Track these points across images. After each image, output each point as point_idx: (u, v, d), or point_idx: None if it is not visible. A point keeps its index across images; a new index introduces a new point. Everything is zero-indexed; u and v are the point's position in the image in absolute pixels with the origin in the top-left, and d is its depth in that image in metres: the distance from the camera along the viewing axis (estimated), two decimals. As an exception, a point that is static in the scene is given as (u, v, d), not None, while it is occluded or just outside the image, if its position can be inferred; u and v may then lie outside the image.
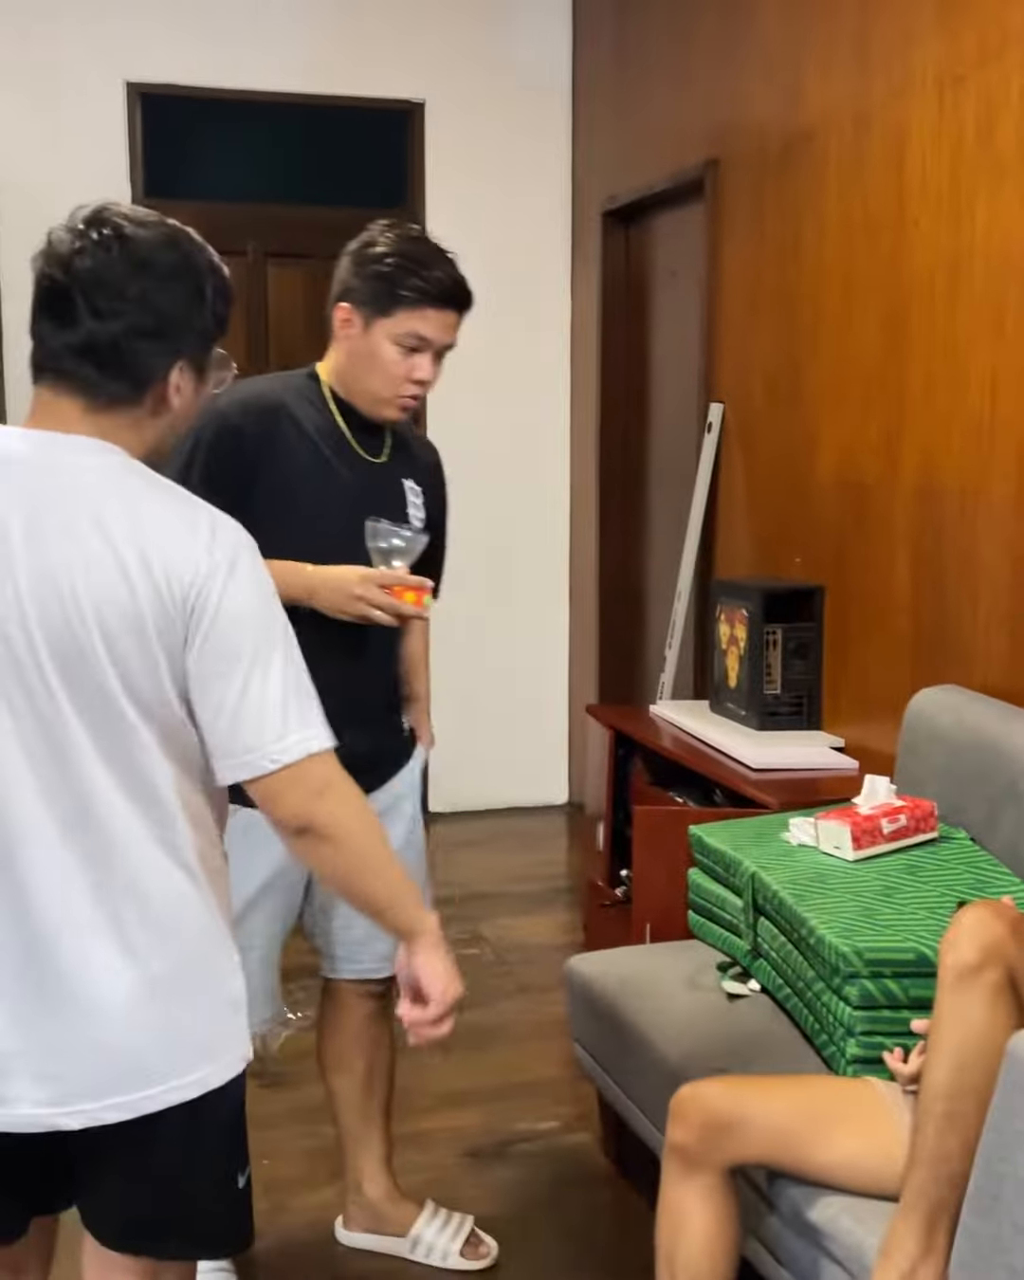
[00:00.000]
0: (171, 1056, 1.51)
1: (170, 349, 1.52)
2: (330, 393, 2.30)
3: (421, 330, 2.22)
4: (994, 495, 2.90)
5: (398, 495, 2.35)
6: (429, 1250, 2.56)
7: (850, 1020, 2.13)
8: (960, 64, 2.97)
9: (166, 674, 1.46)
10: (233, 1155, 1.63)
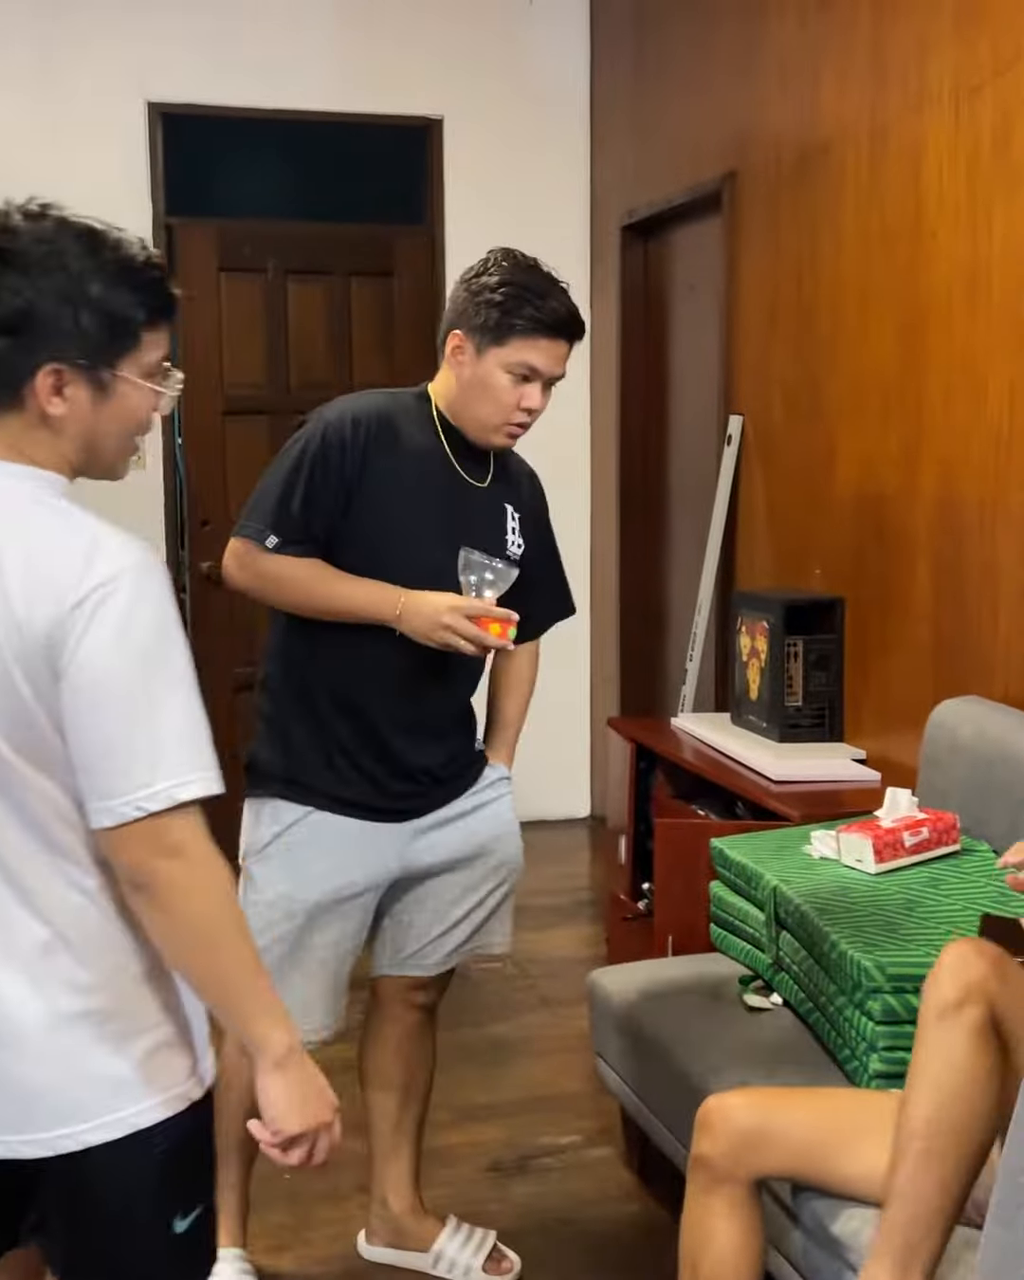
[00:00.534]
0: (90, 1095, 1.44)
1: (32, 350, 1.41)
2: (437, 415, 2.30)
3: (533, 361, 2.22)
4: (1014, 505, 2.90)
5: (498, 521, 2.37)
6: (452, 1266, 2.55)
7: (874, 1035, 2.13)
8: (977, 74, 2.97)
9: (42, 714, 1.37)
10: (170, 1198, 1.50)
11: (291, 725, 2.32)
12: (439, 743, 2.38)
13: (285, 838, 2.29)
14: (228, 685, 5.00)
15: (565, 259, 5.19)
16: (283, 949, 2.26)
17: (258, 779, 2.33)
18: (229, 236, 4.86)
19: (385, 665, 2.25)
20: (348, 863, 2.30)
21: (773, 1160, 1.95)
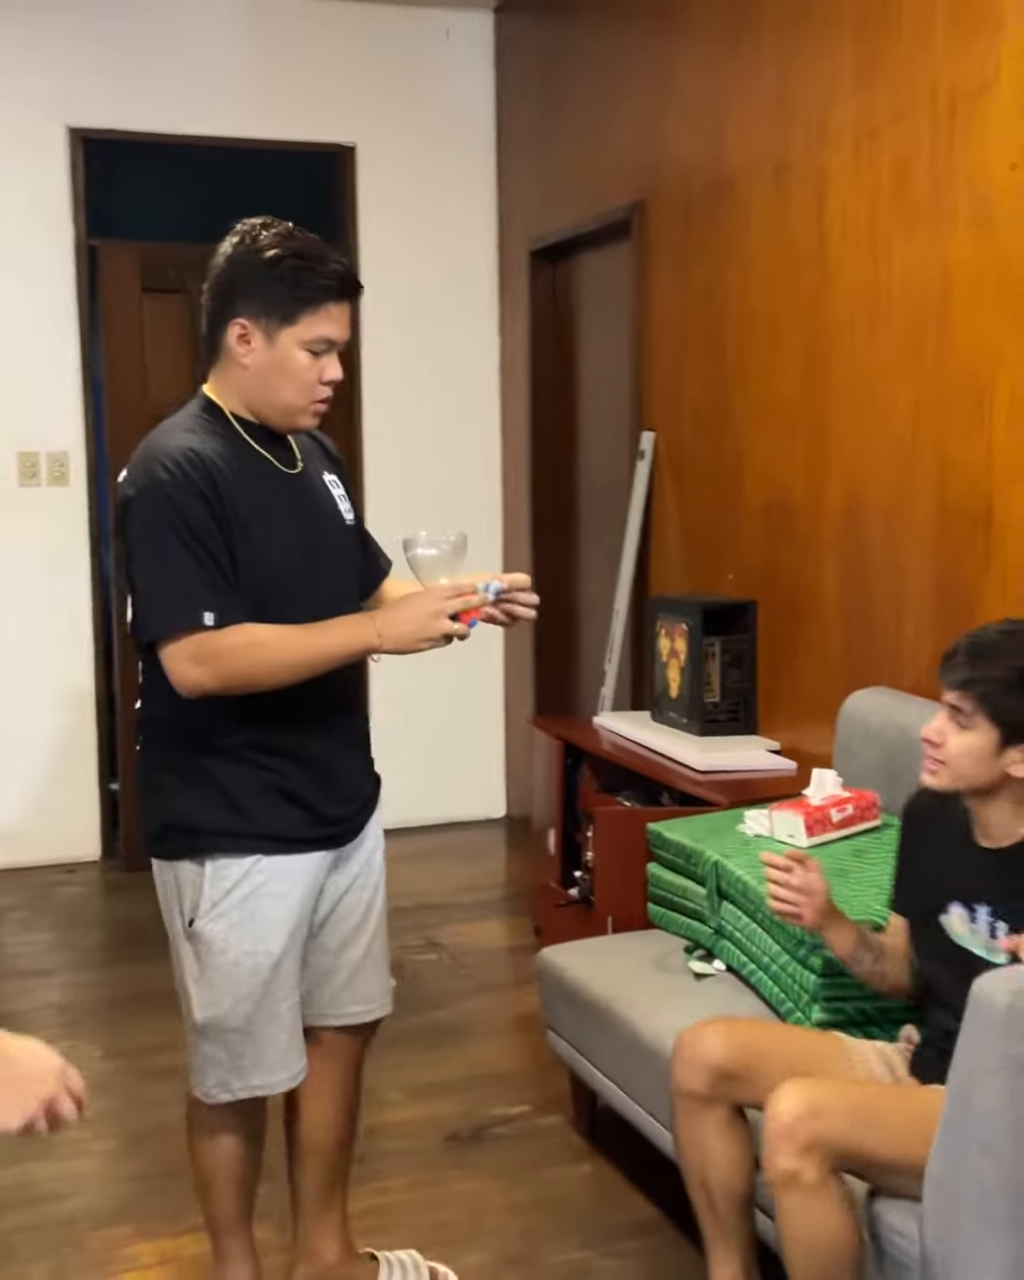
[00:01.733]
0: None
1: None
2: (232, 416, 2.16)
3: (328, 332, 2.11)
4: (917, 513, 3.17)
5: (327, 494, 2.28)
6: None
7: (815, 987, 2.36)
8: (875, 120, 3.25)
9: None
10: None
11: (218, 774, 2.16)
12: (365, 756, 2.37)
13: (235, 892, 2.16)
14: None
15: (475, 281, 5.50)
16: (249, 1006, 2.18)
17: (189, 841, 2.17)
18: (151, 258, 4.99)
19: (313, 687, 2.12)
20: (299, 902, 2.21)
21: (748, 1093, 2.18)
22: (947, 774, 2.09)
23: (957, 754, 2.06)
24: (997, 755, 2.04)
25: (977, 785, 2.08)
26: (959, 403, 3.02)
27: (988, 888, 2.09)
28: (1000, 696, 2.02)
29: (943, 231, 3.05)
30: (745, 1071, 2.18)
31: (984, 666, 2.04)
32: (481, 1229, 2.75)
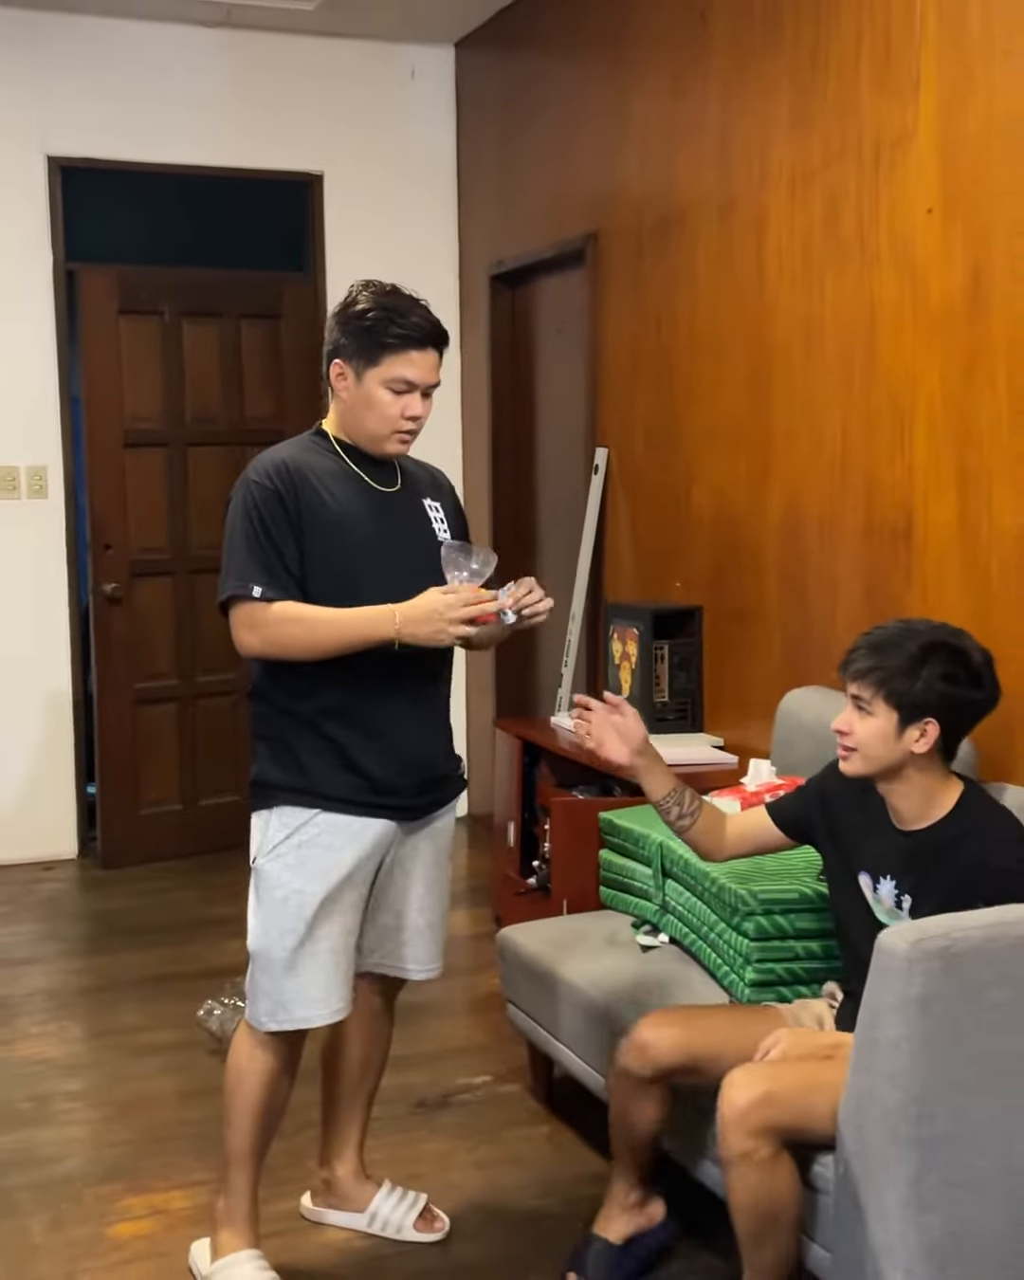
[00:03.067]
0: None
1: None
2: (337, 442, 2.55)
3: (407, 374, 2.46)
4: (848, 524, 3.45)
5: (421, 515, 2.60)
6: (385, 1224, 2.78)
7: (748, 950, 2.63)
8: (809, 163, 3.53)
9: None
10: None
11: (292, 742, 2.48)
12: (441, 733, 2.61)
13: (295, 837, 2.47)
14: (130, 700, 5.35)
15: (437, 304, 5.68)
16: (293, 941, 2.46)
17: (265, 794, 2.51)
18: (128, 281, 5.22)
19: (384, 665, 2.41)
20: (350, 858, 2.48)
21: (696, 1080, 2.43)
22: (858, 758, 2.34)
23: (864, 739, 2.32)
24: (898, 736, 2.29)
25: (886, 766, 2.32)
26: (884, 425, 3.30)
27: (894, 864, 2.35)
28: (896, 681, 2.28)
29: (868, 268, 3.33)
30: (695, 1068, 2.43)
31: (880, 656, 2.30)
32: (450, 1182, 3.00)
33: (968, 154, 3.02)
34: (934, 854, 2.30)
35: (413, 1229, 2.78)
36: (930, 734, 2.27)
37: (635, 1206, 2.59)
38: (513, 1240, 2.78)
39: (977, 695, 2.31)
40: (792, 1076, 2.24)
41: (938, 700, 2.27)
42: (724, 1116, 2.19)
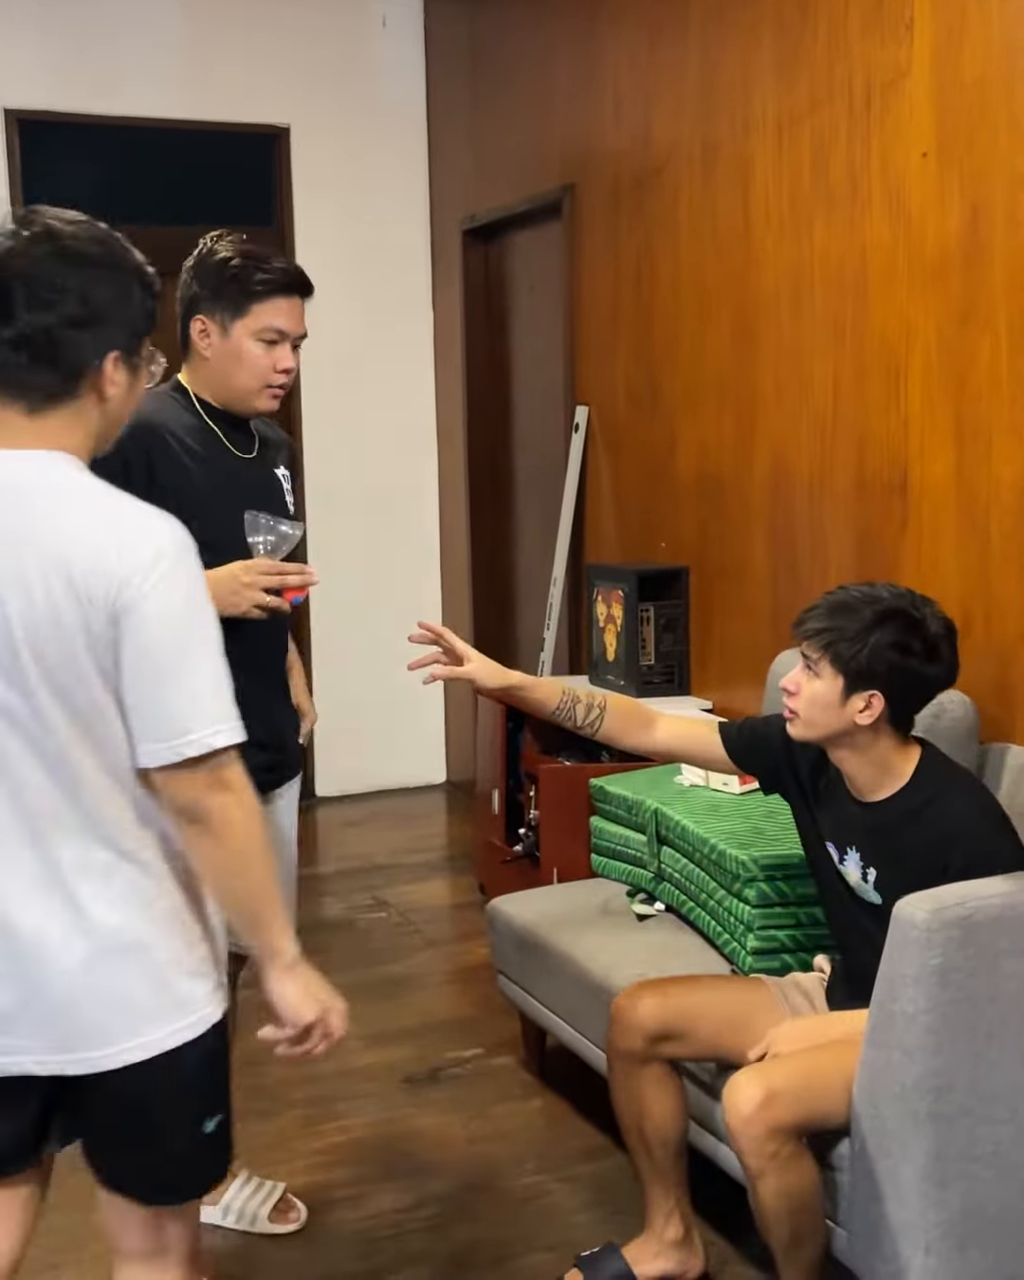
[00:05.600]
0: (128, 1019, 1.62)
1: (102, 340, 1.59)
2: (197, 400, 2.41)
3: (277, 323, 2.35)
4: (838, 481, 3.36)
5: (275, 485, 2.50)
6: (239, 1216, 2.67)
7: (750, 917, 2.55)
8: (795, 109, 3.42)
9: (96, 676, 1.55)
10: (199, 1105, 1.71)
11: None
12: (288, 710, 2.56)
13: None
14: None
15: (408, 259, 5.65)
16: None
17: None
18: (90, 238, 5.06)
19: (246, 630, 2.27)
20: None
21: (684, 1050, 2.36)
22: (800, 723, 2.24)
23: (808, 701, 2.21)
24: (842, 703, 2.17)
25: (828, 733, 2.21)
26: (877, 377, 3.21)
27: (856, 837, 2.26)
28: (843, 644, 2.16)
29: (860, 215, 3.23)
30: (679, 1033, 2.35)
31: (834, 618, 2.19)
32: (442, 1159, 2.93)
33: (964, 96, 2.91)
34: (896, 827, 2.21)
35: (267, 1220, 2.68)
36: (875, 706, 2.17)
37: (674, 1245, 2.42)
38: (509, 1218, 2.71)
39: (930, 669, 2.19)
40: (793, 1070, 2.15)
41: (886, 670, 2.15)
42: (731, 1126, 2.10)
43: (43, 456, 1.60)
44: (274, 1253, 2.64)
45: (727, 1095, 2.13)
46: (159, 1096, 1.67)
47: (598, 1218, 2.68)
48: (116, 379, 1.62)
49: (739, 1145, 2.10)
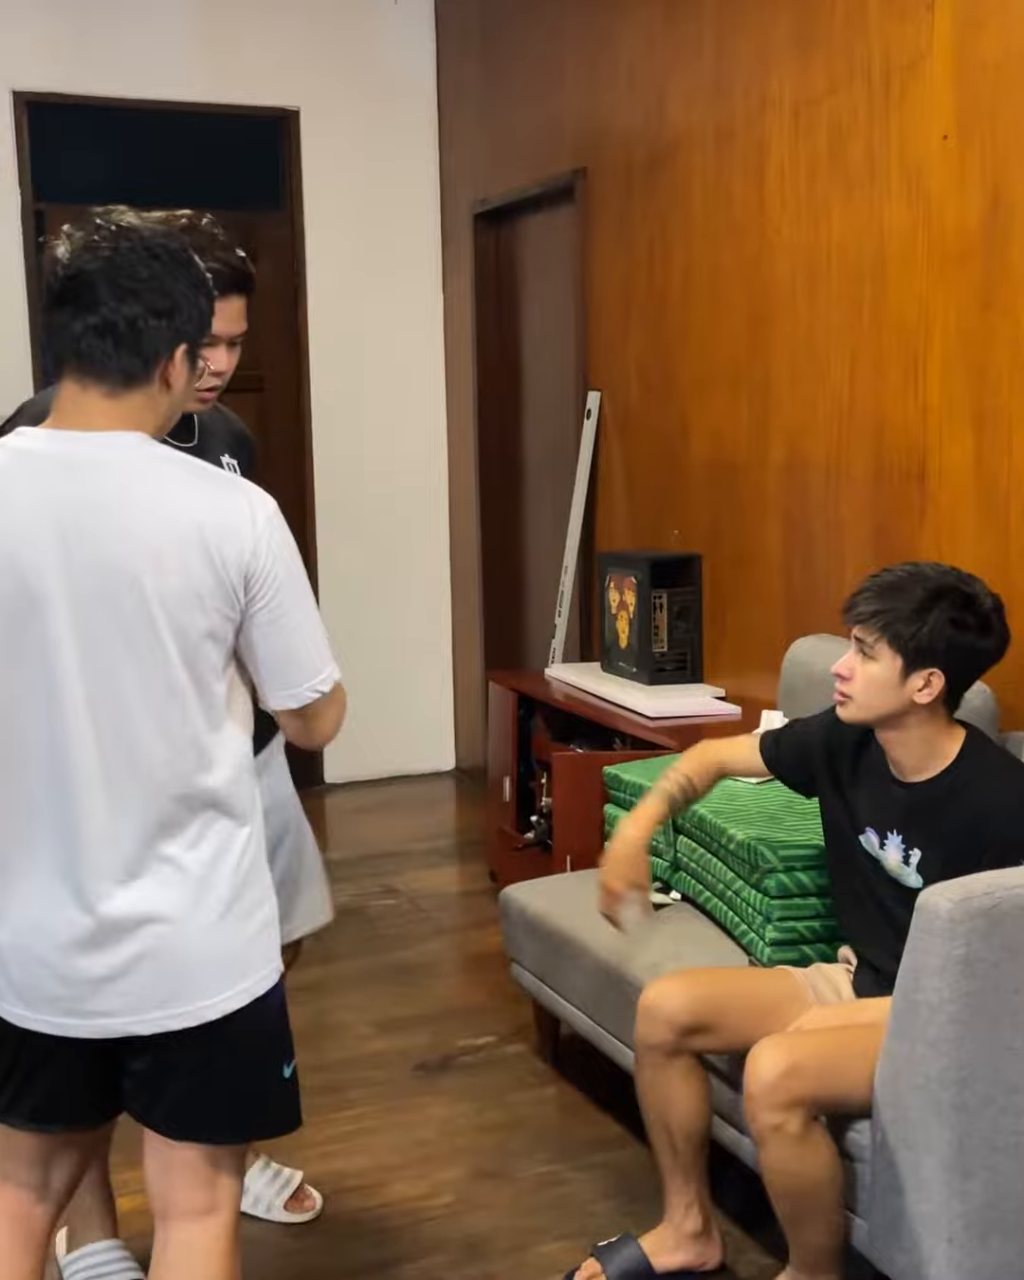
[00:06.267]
0: (222, 972, 1.74)
1: (175, 330, 1.69)
2: None
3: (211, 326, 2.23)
4: (855, 468, 3.34)
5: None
6: (255, 1201, 2.66)
7: (769, 908, 2.54)
8: (813, 91, 3.39)
9: (223, 639, 1.70)
10: (278, 1050, 1.84)
11: None
12: None
13: None
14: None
15: (418, 242, 5.61)
16: None
17: None
18: (99, 222, 5.03)
19: None
20: None
21: (712, 1043, 2.35)
22: (854, 706, 2.24)
23: (864, 684, 2.21)
24: (901, 683, 2.18)
25: (884, 714, 2.22)
26: (894, 364, 3.18)
27: (897, 819, 2.26)
28: (901, 624, 2.17)
29: (878, 199, 3.20)
30: (708, 1025, 2.33)
31: (887, 600, 2.19)
32: (456, 1147, 2.92)
33: (986, 77, 2.88)
34: (938, 807, 2.21)
35: (282, 1209, 2.67)
36: (935, 684, 2.18)
37: (692, 1237, 2.41)
38: (524, 1207, 2.70)
39: (985, 643, 2.21)
40: (819, 1045, 2.15)
41: (945, 647, 2.17)
42: (750, 1091, 2.09)
43: (127, 436, 1.69)
44: (287, 1241, 2.63)
45: (750, 1062, 2.13)
46: (248, 1042, 1.79)
47: (614, 1208, 2.67)
48: (182, 370, 1.73)
49: (752, 1110, 2.10)
